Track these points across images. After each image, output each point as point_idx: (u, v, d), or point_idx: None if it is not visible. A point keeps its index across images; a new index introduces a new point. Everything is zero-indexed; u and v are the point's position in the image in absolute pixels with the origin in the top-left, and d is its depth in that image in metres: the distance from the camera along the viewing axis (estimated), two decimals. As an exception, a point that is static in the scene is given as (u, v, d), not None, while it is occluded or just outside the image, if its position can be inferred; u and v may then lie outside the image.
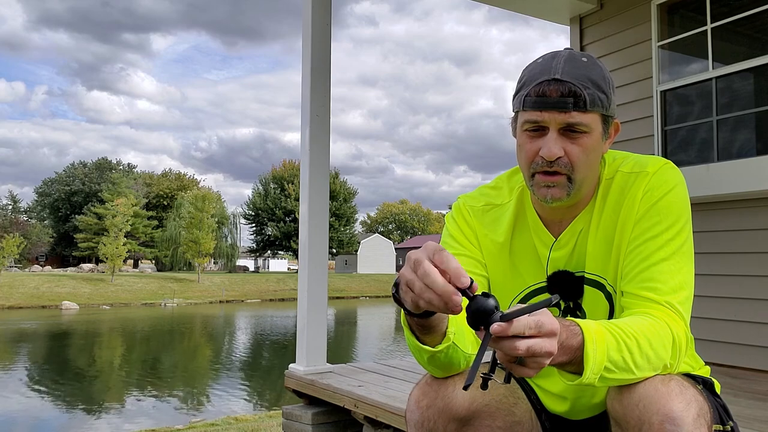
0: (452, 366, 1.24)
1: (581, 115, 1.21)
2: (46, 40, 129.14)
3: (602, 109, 1.24)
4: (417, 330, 1.15)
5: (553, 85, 1.21)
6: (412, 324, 1.14)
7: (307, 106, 3.90)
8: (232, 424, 6.90)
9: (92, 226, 56.85)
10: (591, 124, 1.23)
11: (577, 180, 1.25)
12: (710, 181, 3.94)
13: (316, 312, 3.82)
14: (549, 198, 1.26)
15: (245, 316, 32.21)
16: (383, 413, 2.95)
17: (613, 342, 1.08)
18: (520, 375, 0.99)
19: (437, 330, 1.14)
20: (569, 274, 1.36)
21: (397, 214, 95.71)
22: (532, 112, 1.23)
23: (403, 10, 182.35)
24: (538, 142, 1.24)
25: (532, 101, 1.23)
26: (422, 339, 1.17)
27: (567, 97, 1.20)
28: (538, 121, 1.23)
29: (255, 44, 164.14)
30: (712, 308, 3.95)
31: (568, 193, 1.26)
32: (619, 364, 1.08)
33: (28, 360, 17.13)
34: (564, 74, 1.21)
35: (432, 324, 1.12)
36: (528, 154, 1.26)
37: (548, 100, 1.21)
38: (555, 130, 1.22)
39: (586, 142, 1.24)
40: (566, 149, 1.23)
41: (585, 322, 1.08)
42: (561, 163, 1.23)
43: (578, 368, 1.06)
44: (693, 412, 1.09)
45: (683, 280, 1.23)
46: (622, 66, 4.61)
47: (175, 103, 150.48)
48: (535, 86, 1.23)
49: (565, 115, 1.21)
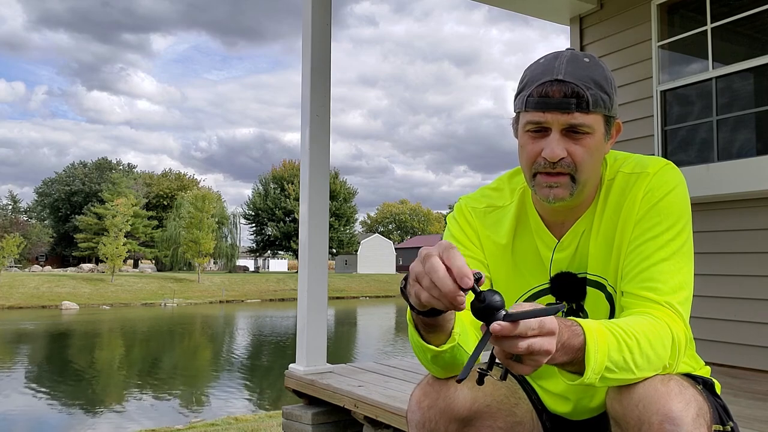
0: (455, 366, 1.23)
1: (584, 116, 1.21)
2: (46, 40, 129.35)
3: (605, 110, 1.23)
4: (422, 328, 1.15)
5: (555, 85, 1.20)
6: (417, 322, 1.14)
7: (307, 106, 3.90)
8: (232, 424, 6.89)
9: (92, 226, 56.84)
10: (594, 124, 1.23)
11: (581, 180, 1.25)
12: (710, 181, 3.94)
13: (316, 312, 3.82)
14: (552, 198, 1.26)
15: (245, 316, 32.21)
16: (383, 413, 2.95)
17: (614, 342, 1.08)
18: (517, 372, 1.00)
19: (443, 329, 1.14)
20: (572, 276, 1.35)
21: (397, 214, 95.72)
22: (535, 112, 1.22)
23: (403, 10, 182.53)
24: (541, 142, 1.24)
25: (534, 102, 1.22)
26: (427, 338, 1.16)
27: (570, 98, 1.20)
28: (541, 122, 1.23)
29: (255, 44, 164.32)
30: (712, 308, 3.95)
31: (572, 193, 1.26)
32: (620, 364, 1.08)
33: (28, 360, 17.14)
34: (566, 75, 1.21)
35: (438, 323, 1.12)
36: (530, 155, 1.26)
37: (551, 101, 1.20)
38: (557, 131, 1.22)
39: (589, 143, 1.23)
40: (569, 150, 1.22)
41: (586, 321, 1.08)
42: (564, 164, 1.23)
43: (579, 368, 1.06)
44: (692, 411, 1.09)
45: (683, 280, 1.23)
46: (622, 66, 4.61)
47: (175, 103, 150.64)
48: (538, 87, 1.22)
49: (567, 116, 1.20)
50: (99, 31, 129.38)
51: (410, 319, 1.17)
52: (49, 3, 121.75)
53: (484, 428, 1.28)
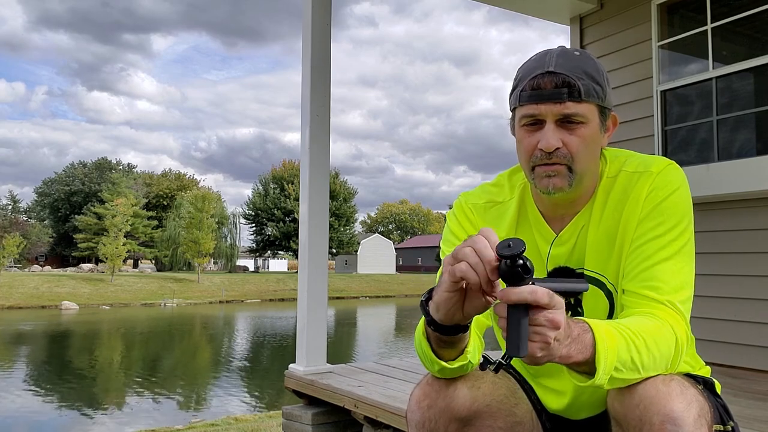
0: (463, 369, 1.25)
1: (576, 105, 1.22)
2: (46, 41, 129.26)
3: (598, 100, 1.24)
4: (435, 343, 1.16)
5: (547, 77, 1.22)
6: (432, 338, 1.15)
7: (307, 106, 3.90)
8: (232, 424, 6.89)
9: (92, 226, 56.82)
10: (587, 114, 1.24)
11: (578, 171, 1.26)
12: (710, 181, 3.94)
13: (316, 312, 3.82)
14: (551, 188, 1.26)
15: (245, 316, 32.19)
16: (383, 413, 2.95)
17: (622, 342, 1.08)
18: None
19: (457, 347, 1.15)
20: (570, 271, 1.35)
21: (397, 214, 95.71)
22: (529, 105, 1.24)
23: (402, 11, 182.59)
24: (537, 135, 1.25)
25: (527, 95, 1.24)
26: (439, 353, 1.17)
27: (561, 87, 1.21)
28: (535, 115, 1.24)
29: (255, 45, 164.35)
30: (712, 308, 3.95)
31: (570, 183, 1.26)
32: (628, 364, 1.08)
33: (28, 360, 17.13)
34: (557, 66, 1.23)
35: (454, 341, 1.14)
36: (527, 148, 1.27)
37: (543, 93, 1.22)
38: (552, 122, 1.23)
39: (584, 133, 1.24)
40: (564, 140, 1.23)
41: (593, 321, 1.08)
42: (560, 154, 1.24)
43: (590, 368, 1.06)
44: (694, 412, 1.09)
45: (685, 280, 1.23)
46: (622, 66, 4.61)
47: (175, 103, 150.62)
48: (530, 80, 1.24)
49: (560, 106, 1.22)
50: (99, 32, 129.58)
51: (422, 331, 1.17)
52: (49, 3, 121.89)
53: (484, 428, 1.29)
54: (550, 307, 0.97)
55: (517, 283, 0.96)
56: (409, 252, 79.26)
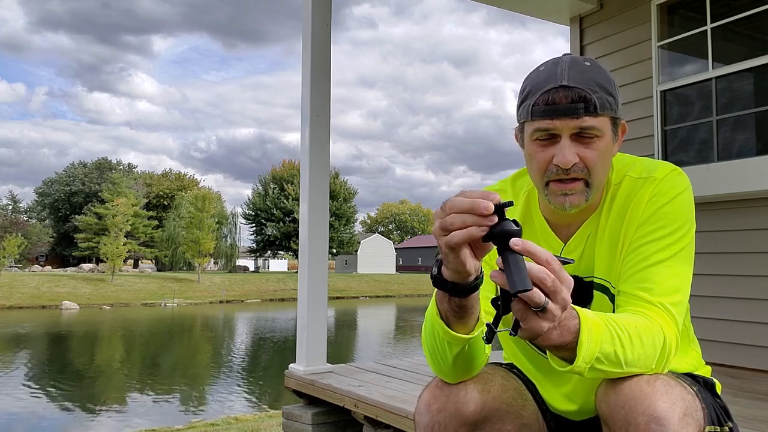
0: (474, 362, 1.23)
1: (593, 119, 1.20)
2: (46, 42, 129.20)
3: (611, 112, 1.23)
4: (452, 315, 1.12)
5: (561, 92, 1.20)
6: (447, 311, 1.12)
7: (307, 106, 3.91)
8: (232, 424, 6.89)
9: (92, 226, 56.78)
10: (602, 127, 1.22)
11: (595, 184, 1.25)
12: (710, 181, 3.94)
13: (316, 312, 3.82)
14: (567, 206, 1.25)
15: (245, 316, 32.19)
16: (383, 413, 2.95)
17: (607, 334, 1.08)
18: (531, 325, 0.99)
19: (470, 314, 1.12)
20: (579, 280, 1.34)
21: (397, 214, 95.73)
22: (542, 120, 1.21)
23: (402, 12, 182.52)
24: (551, 149, 1.23)
25: (541, 110, 1.21)
26: (455, 328, 1.14)
27: (577, 102, 1.19)
28: (549, 129, 1.21)
29: (255, 46, 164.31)
30: (712, 308, 3.95)
31: (587, 198, 1.25)
32: (611, 357, 1.08)
33: (29, 360, 17.13)
34: (571, 80, 1.20)
35: (467, 305, 1.10)
36: (540, 163, 1.24)
37: (558, 108, 1.20)
38: (567, 137, 1.21)
39: (600, 146, 1.23)
40: (580, 155, 1.22)
41: (582, 310, 1.08)
42: (576, 169, 1.22)
43: (571, 354, 1.06)
44: (678, 410, 1.09)
45: (679, 283, 1.23)
46: (622, 66, 4.61)
47: (175, 103, 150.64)
48: (543, 94, 1.21)
49: (577, 121, 1.20)
50: (99, 33, 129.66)
51: (435, 314, 1.15)
52: (50, 5, 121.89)
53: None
54: (545, 257, 0.97)
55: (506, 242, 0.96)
56: (409, 252, 79.27)
